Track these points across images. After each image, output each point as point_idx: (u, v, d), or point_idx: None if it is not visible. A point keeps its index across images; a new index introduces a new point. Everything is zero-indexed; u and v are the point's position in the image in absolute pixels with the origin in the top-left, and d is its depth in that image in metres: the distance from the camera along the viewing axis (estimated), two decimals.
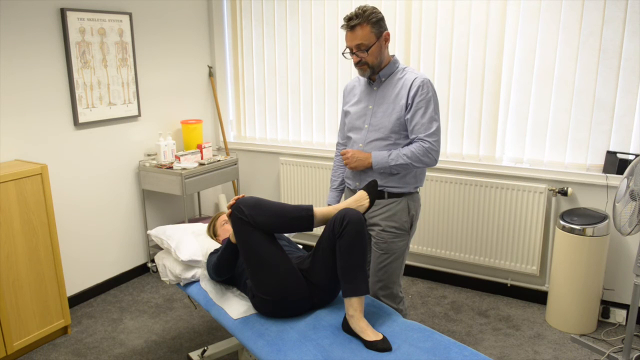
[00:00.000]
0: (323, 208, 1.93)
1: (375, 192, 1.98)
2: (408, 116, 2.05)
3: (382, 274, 2.17)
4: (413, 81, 2.05)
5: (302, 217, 1.88)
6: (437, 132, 2.05)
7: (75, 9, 2.96)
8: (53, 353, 2.69)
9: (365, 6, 2.03)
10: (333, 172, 2.42)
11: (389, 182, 2.12)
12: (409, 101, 2.04)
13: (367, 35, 2.01)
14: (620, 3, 2.61)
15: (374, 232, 2.18)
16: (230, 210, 1.91)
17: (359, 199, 1.95)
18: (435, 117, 2.05)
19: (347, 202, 1.95)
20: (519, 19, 2.88)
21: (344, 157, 2.15)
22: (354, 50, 2.05)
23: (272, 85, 3.84)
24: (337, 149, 2.43)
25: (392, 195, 2.13)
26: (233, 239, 1.97)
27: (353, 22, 2.01)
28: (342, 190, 2.39)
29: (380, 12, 2.05)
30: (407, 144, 2.09)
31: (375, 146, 2.12)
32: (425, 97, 2.03)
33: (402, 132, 2.08)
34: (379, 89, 2.14)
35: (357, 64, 2.08)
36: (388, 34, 2.08)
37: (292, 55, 3.69)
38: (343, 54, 2.12)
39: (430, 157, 2.04)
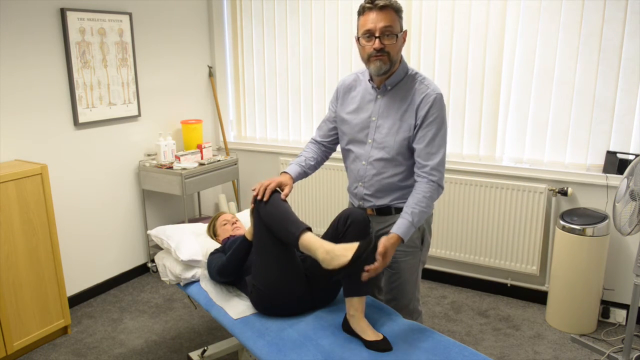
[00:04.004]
0: (315, 240, 1.72)
1: (367, 253, 1.65)
2: (415, 136, 1.84)
3: (397, 292, 2.02)
4: (424, 97, 1.81)
5: (290, 234, 1.76)
6: (444, 158, 1.84)
7: (75, 9, 2.95)
8: (53, 353, 2.69)
9: None
10: (304, 152, 2.15)
11: (395, 199, 1.94)
12: (418, 121, 1.82)
13: (395, 20, 1.75)
14: (620, 3, 2.61)
15: None
16: (257, 193, 1.87)
17: (347, 249, 1.65)
18: (444, 141, 1.85)
19: (335, 246, 1.69)
20: (519, 19, 2.88)
21: (374, 268, 1.69)
22: (378, 34, 1.74)
23: (272, 85, 3.84)
24: (310, 143, 2.18)
25: (399, 210, 1.89)
26: (249, 236, 1.95)
27: (382, 1, 1.73)
28: (304, 174, 2.11)
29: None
30: (410, 170, 1.90)
31: (380, 166, 1.90)
32: (436, 119, 1.81)
33: (408, 153, 1.88)
34: (383, 97, 1.90)
35: (378, 52, 1.76)
36: (406, 34, 1.83)
37: (292, 55, 3.69)
38: (357, 39, 1.81)
39: (440, 191, 1.85)
